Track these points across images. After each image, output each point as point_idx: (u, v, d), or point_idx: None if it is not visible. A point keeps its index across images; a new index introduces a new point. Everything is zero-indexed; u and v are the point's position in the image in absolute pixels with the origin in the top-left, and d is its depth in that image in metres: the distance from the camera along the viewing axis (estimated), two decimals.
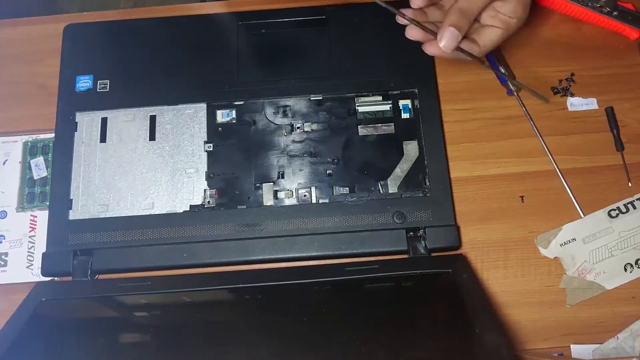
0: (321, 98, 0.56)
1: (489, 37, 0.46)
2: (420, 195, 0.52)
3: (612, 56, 0.58)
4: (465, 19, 0.43)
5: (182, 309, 0.49)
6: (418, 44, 0.57)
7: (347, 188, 0.52)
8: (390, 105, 0.55)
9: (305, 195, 0.53)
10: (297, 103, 0.55)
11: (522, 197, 0.54)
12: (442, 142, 0.53)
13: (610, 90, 0.57)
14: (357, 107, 0.55)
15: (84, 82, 0.56)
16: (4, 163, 0.56)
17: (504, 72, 0.56)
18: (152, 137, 0.54)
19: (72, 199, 0.53)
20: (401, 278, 0.47)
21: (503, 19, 0.46)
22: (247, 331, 0.45)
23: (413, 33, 0.44)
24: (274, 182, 0.53)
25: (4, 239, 0.54)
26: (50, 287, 0.50)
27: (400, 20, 0.44)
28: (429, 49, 0.44)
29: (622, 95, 0.57)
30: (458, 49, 0.44)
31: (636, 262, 0.51)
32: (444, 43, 0.42)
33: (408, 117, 0.55)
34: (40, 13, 0.63)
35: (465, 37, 0.45)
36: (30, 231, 0.54)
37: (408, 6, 0.47)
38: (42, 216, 0.54)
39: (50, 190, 0.53)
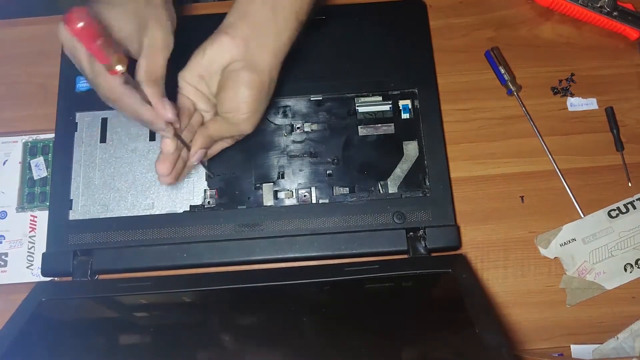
0: (321, 98, 0.56)
1: (215, 148, 0.50)
2: (420, 195, 0.52)
3: (612, 56, 0.58)
4: (210, 142, 0.48)
5: (182, 309, 0.49)
6: (417, 45, 0.57)
7: (347, 188, 0.52)
8: (390, 106, 0.55)
9: (305, 196, 0.53)
10: (297, 103, 0.55)
11: (522, 197, 0.54)
12: (442, 142, 0.53)
13: (610, 90, 0.57)
14: (357, 107, 0.55)
15: (84, 82, 0.56)
16: (4, 163, 0.56)
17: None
18: (152, 137, 0.54)
19: (72, 199, 0.53)
20: (401, 278, 0.47)
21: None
22: (247, 331, 0.45)
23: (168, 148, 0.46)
24: (274, 182, 0.53)
25: (4, 239, 0.54)
26: (50, 287, 0.50)
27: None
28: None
29: (622, 95, 0.57)
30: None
31: (636, 262, 0.51)
32: (193, 160, 0.47)
33: (408, 117, 0.55)
34: (40, 13, 0.63)
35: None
36: (30, 231, 0.54)
37: None
38: (42, 216, 0.54)
39: (50, 190, 0.53)
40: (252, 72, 0.43)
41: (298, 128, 0.55)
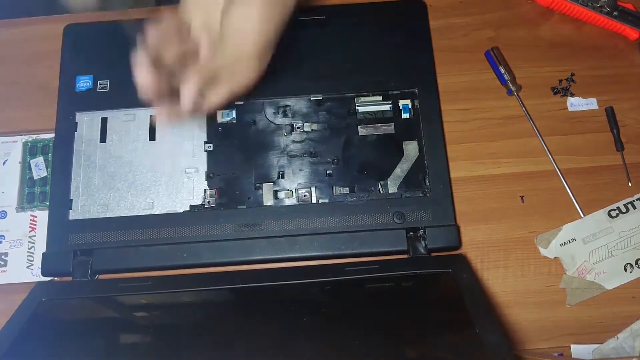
0: (321, 98, 0.56)
1: (212, 99, 0.44)
2: (420, 195, 0.52)
3: (612, 56, 0.58)
4: (201, 82, 0.42)
5: (182, 309, 0.49)
6: (417, 45, 0.57)
7: (347, 188, 0.52)
8: (390, 105, 0.55)
9: (305, 195, 0.53)
10: (297, 103, 0.55)
11: (522, 197, 0.54)
12: (442, 142, 0.53)
13: (610, 90, 0.57)
14: (357, 107, 0.55)
15: (84, 82, 0.56)
16: (4, 163, 0.56)
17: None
18: (152, 137, 0.54)
19: (72, 199, 0.53)
20: (401, 278, 0.47)
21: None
22: (247, 331, 0.45)
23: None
24: (274, 182, 0.53)
25: (4, 239, 0.54)
26: (50, 287, 0.50)
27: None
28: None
29: (622, 95, 0.57)
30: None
31: (636, 262, 0.51)
32: (185, 102, 0.42)
33: (408, 117, 0.55)
34: (40, 13, 0.63)
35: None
36: (30, 231, 0.54)
37: None
38: (42, 216, 0.54)
39: (50, 190, 0.53)
40: (254, 13, 0.40)
41: (298, 128, 0.55)
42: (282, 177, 0.53)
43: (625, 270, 0.51)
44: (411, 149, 0.53)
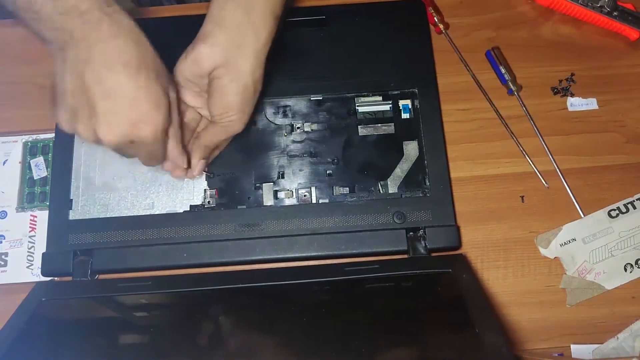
0: (321, 98, 0.56)
1: (214, 154, 0.53)
2: (420, 195, 0.52)
3: (612, 56, 0.58)
4: (209, 151, 0.51)
5: (182, 308, 0.49)
6: (417, 45, 0.57)
7: (347, 188, 0.52)
8: (390, 105, 0.55)
9: (305, 195, 0.53)
10: (297, 103, 0.55)
11: (522, 197, 0.54)
12: (442, 142, 0.53)
13: (610, 90, 0.57)
14: (357, 107, 0.55)
15: None
16: (4, 163, 0.56)
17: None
18: None
19: (72, 199, 0.52)
20: (401, 278, 0.47)
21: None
22: (247, 331, 0.45)
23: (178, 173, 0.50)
24: (274, 182, 0.53)
25: (4, 239, 0.54)
26: (50, 287, 0.50)
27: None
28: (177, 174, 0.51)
29: (622, 95, 0.57)
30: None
31: (636, 262, 0.51)
32: (196, 174, 0.51)
33: (408, 117, 0.55)
34: None
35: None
36: (30, 231, 0.54)
37: None
38: (42, 216, 0.54)
39: (50, 190, 0.53)
40: (234, 77, 0.44)
41: (298, 128, 0.55)
42: (282, 177, 0.53)
43: (625, 270, 0.51)
44: (411, 149, 0.53)
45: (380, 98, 0.55)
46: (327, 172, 0.53)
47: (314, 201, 0.52)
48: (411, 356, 0.41)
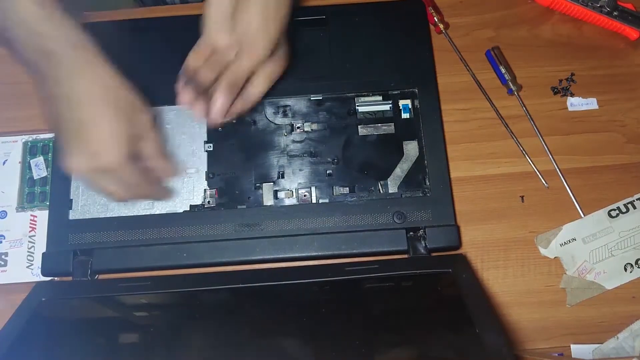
0: (321, 98, 0.56)
1: (253, 91, 0.48)
2: (420, 195, 0.52)
3: (612, 56, 0.58)
4: (235, 90, 0.46)
5: (182, 309, 0.49)
6: (417, 44, 0.57)
7: (347, 188, 0.52)
8: (390, 105, 0.55)
9: (305, 195, 0.53)
10: (297, 103, 0.55)
11: (522, 197, 0.54)
12: (442, 142, 0.53)
13: (610, 90, 0.57)
14: (357, 107, 0.55)
15: None
16: (4, 163, 0.56)
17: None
18: None
19: (72, 199, 0.52)
20: (401, 278, 0.47)
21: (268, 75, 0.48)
22: (247, 331, 0.45)
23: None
24: (274, 182, 0.53)
25: (4, 239, 0.54)
26: (50, 287, 0.50)
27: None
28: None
29: (622, 95, 0.57)
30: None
31: (636, 262, 0.51)
32: (216, 111, 0.46)
33: (408, 117, 0.55)
34: None
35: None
36: (30, 231, 0.54)
37: None
38: (42, 216, 0.54)
39: (50, 190, 0.53)
40: None
41: (298, 128, 0.55)
42: (282, 177, 0.53)
43: (625, 270, 0.51)
44: (411, 148, 0.53)
45: (380, 98, 0.55)
46: (327, 172, 0.53)
47: (314, 201, 0.52)
48: (411, 356, 0.41)
